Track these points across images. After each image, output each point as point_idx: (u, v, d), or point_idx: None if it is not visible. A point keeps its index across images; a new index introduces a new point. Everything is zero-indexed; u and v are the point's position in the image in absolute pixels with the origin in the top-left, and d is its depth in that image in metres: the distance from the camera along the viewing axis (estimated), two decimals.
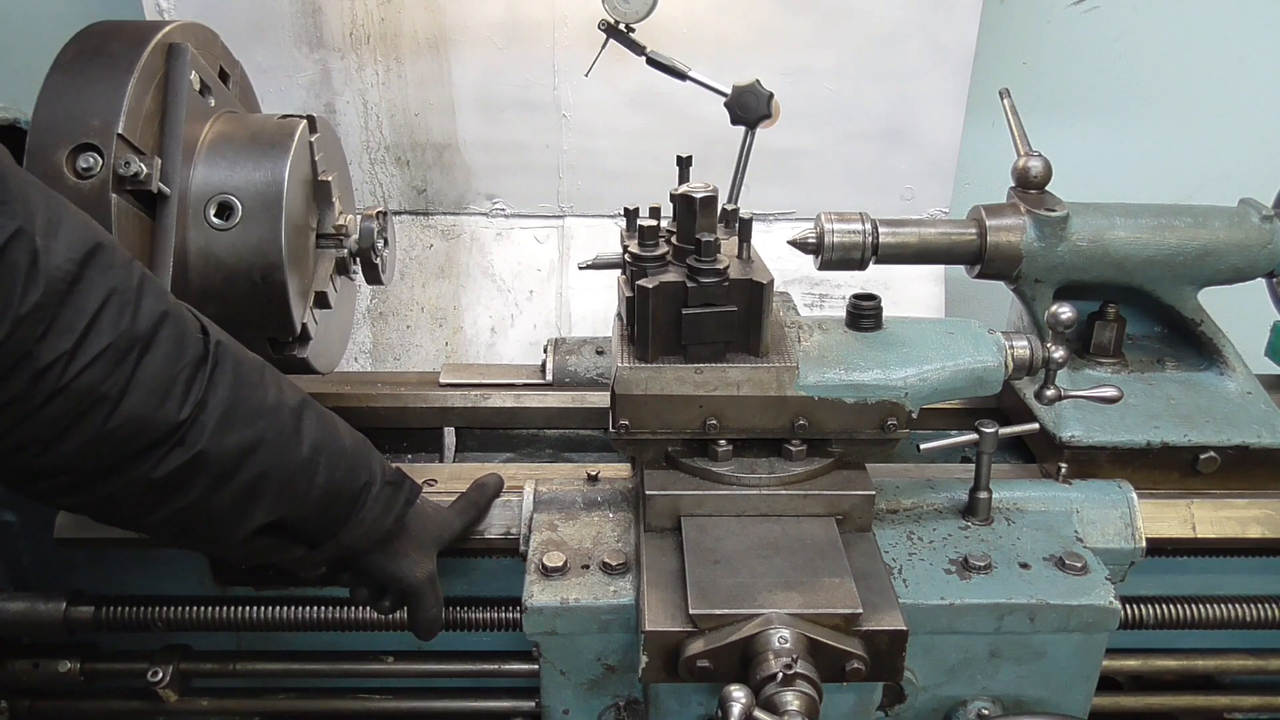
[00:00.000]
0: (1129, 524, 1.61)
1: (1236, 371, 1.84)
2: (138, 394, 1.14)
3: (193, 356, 1.19)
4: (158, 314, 1.16)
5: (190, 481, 1.20)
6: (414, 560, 1.46)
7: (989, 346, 1.55)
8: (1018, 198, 1.78)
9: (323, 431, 1.33)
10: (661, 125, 2.64)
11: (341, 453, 1.35)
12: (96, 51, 1.52)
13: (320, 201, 1.76)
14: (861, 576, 1.37)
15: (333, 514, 1.35)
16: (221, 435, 1.20)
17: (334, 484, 1.33)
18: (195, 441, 1.19)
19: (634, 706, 1.52)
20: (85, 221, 1.15)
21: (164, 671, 1.67)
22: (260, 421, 1.25)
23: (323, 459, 1.31)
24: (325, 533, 1.36)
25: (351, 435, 1.40)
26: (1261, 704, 1.85)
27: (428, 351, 2.79)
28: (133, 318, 1.14)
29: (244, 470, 1.24)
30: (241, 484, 1.24)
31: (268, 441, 1.25)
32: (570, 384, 2.04)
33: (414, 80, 2.65)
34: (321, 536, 1.37)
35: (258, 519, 1.28)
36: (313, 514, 1.33)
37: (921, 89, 2.65)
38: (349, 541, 1.38)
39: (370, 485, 1.38)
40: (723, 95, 2.21)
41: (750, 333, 1.48)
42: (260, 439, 1.24)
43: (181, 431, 1.17)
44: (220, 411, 1.20)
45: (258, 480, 1.25)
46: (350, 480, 1.36)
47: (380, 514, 1.39)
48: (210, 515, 1.25)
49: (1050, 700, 1.51)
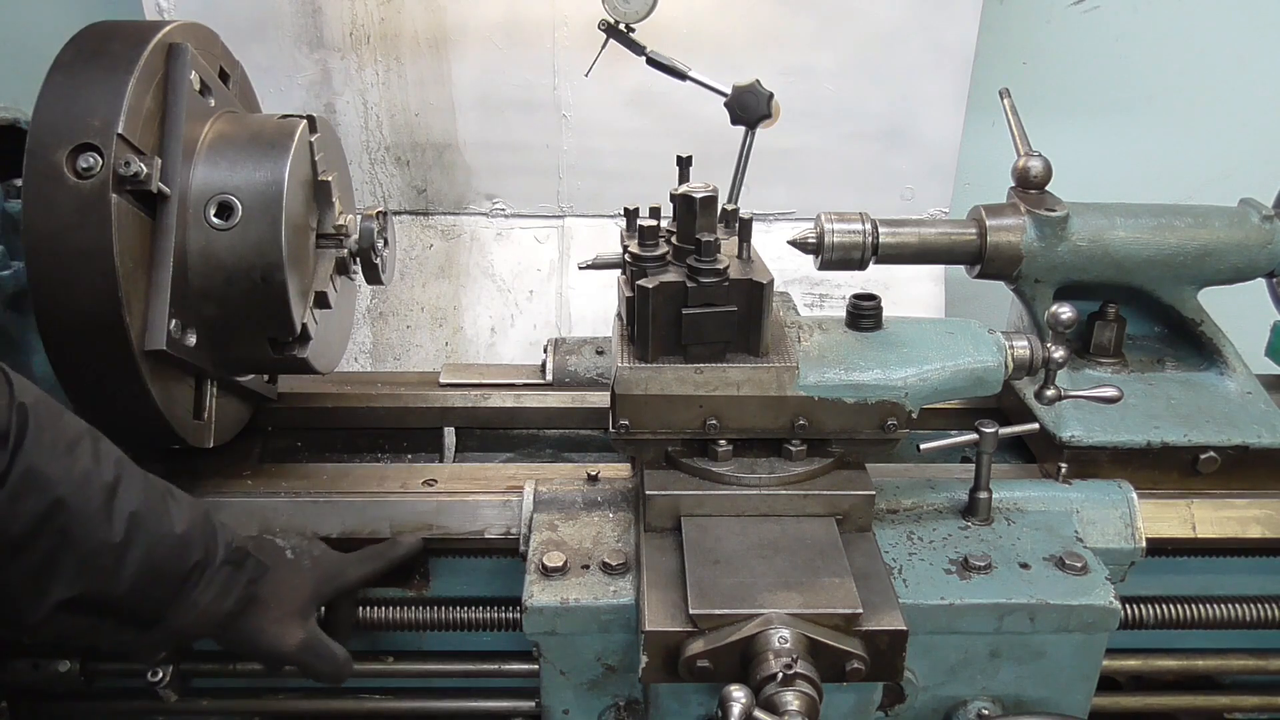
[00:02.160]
0: (1129, 524, 1.61)
1: (1236, 371, 1.84)
2: None
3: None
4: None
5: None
6: (275, 634, 1.41)
7: (989, 346, 1.55)
8: (1018, 198, 1.78)
9: (145, 507, 1.27)
10: (661, 125, 2.64)
11: (165, 533, 1.28)
12: (96, 51, 1.51)
13: (320, 201, 1.76)
14: (861, 576, 1.37)
15: (155, 596, 1.30)
16: (13, 504, 1.15)
17: (153, 564, 1.27)
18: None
19: (634, 706, 1.52)
20: None
21: (164, 671, 1.67)
22: (60, 488, 1.18)
23: (139, 536, 1.25)
24: (151, 615, 1.31)
25: (190, 514, 1.33)
26: (1261, 704, 1.85)
27: (428, 351, 2.79)
28: None
29: (40, 540, 1.17)
30: (37, 555, 1.18)
31: (68, 511, 1.19)
32: (570, 384, 2.04)
33: (414, 80, 2.65)
34: (148, 618, 1.31)
35: (58, 593, 1.21)
36: (127, 594, 1.26)
37: (921, 89, 2.65)
38: (182, 625, 1.33)
39: (204, 566, 1.32)
40: (723, 95, 2.22)
41: (750, 333, 1.48)
42: (58, 508, 1.18)
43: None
44: (17, 479, 1.15)
45: (55, 553, 1.19)
46: (176, 561, 1.30)
47: (218, 595, 1.34)
48: (3, 588, 1.19)
49: (1050, 700, 1.51)
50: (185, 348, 1.57)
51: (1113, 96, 2.94)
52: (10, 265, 1.67)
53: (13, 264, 1.67)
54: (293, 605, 1.44)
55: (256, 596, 1.40)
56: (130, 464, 1.30)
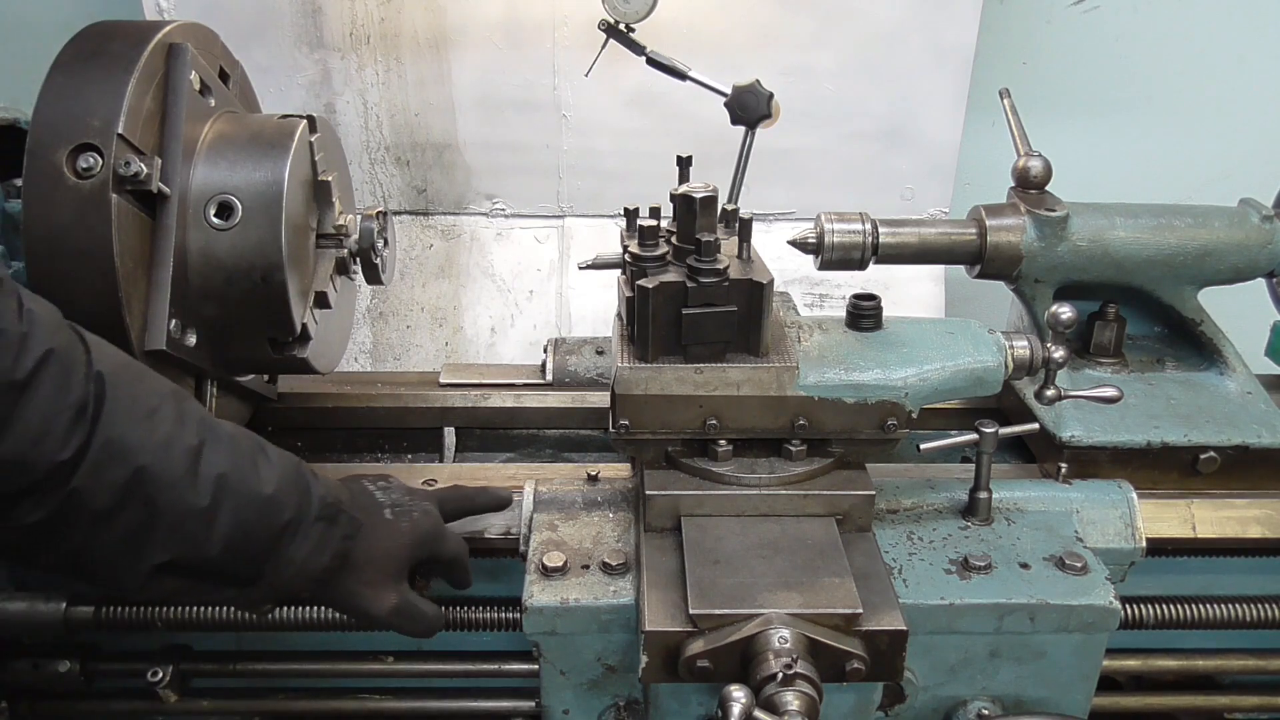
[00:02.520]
0: (1129, 524, 1.61)
1: (1236, 371, 1.84)
2: (15, 436, 1.09)
3: (76, 398, 1.14)
4: (40, 354, 1.11)
5: (68, 524, 1.16)
6: (369, 596, 1.40)
7: (989, 346, 1.55)
8: (1018, 198, 1.78)
9: (232, 468, 1.26)
10: (661, 125, 2.64)
11: (253, 493, 1.27)
12: (96, 51, 1.51)
13: (320, 201, 1.76)
14: (861, 576, 1.37)
15: (248, 556, 1.29)
16: (97, 473, 1.15)
17: (243, 525, 1.26)
18: (69, 481, 1.13)
19: (634, 706, 1.52)
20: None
21: (164, 671, 1.67)
22: (143, 456, 1.18)
23: (227, 498, 1.24)
24: (249, 574, 1.30)
25: (281, 471, 1.32)
26: (1261, 704, 1.85)
27: (428, 351, 2.79)
28: (14, 361, 1.09)
29: (127, 509, 1.18)
30: (125, 523, 1.19)
31: (153, 478, 1.19)
32: (570, 384, 2.04)
33: (414, 80, 2.65)
34: (246, 577, 1.30)
35: (151, 559, 1.22)
36: (220, 555, 1.26)
37: (921, 89, 2.65)
38: (280, 582, 1.32)
39: (297, 523, 1.31)
40: (723, 95, 2.21)
41: (750, 333, 1.48)
42: (142, 474, 1.18)
43: (60, 472, 1.13)
44: (99, 451, 1.15)
45: (144, 521, 1.19)
46: (266, 520, 1.28)
47: (312, 552, 1.33)
48: (99, 558, 1.20)
49: (1050, 700, 1.51)
50: (185, 347, 1.57)
51: (1113, 96, 2.94)
52: (10, 265, 1.67)
53: (13, 264, 1.67)
54: (386, 568, 1.41)
55: (351, 555, 1.37)
56: (217, 424, 1.29)
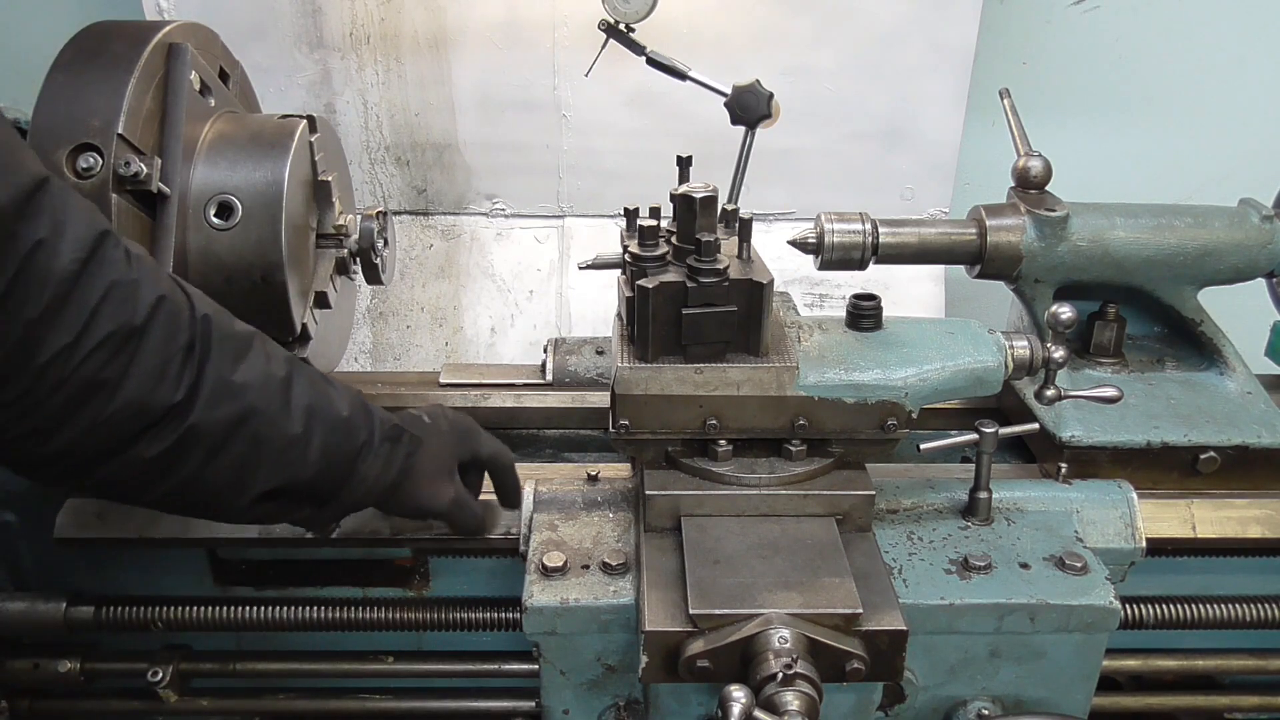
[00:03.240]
0: (1129, 524, 1.61)
1: (1236, 371, 1.84)
2: (135, 379, 1.17)
3: (184, 340, 1.22)
4: (153, 300, 1.20)
5: (184, 457, 1.24)
6: (429, 494, 1.49)
7: (989, 346, 1.55)
8: (1018, 198, 1.78)
9: (315, 398, 1.36)
10: (661, 125, 2.64)
11: (335, 418, 1.37)
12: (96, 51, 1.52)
13: (320, 201, 1.76)
14: (861, 576, 1.37)
15: (332, 476, 1.38)
16: (211, 410, 1.24)
17: (329, 448, 1.36)
18: (187, 417, 1.22)
19: (634, 706, 1.52)
20: (89, 213, 1.18)
21: (164, 671, 1.67)
22: (249, 394, 1.27)
23: (316, 424, 1.34)
24: (329, 493, 1.40)
25: (347, 396, 1.42)
26: (1261, 704, 1.85)
27: (428, 351, 2.79)
28: (132, 307, 1.17)
29: (236, 442, 1.27)
30: (235, 455, 1.28)
31: (258, 412, 1.28)
32: (570, 384, 2.04)
33: (414, 80, 2.65)
34: (326, 496, 1.40)
35: (257, 488, 1.32)
36: (312, 477, 1.36)
37: (921, 89, 2.65)
38: (353, 499, 1.42)
39: (369, 444, 1.41)
40: (723, 95, 2.21)
41: (750, 333, 1.48)
42: (249, 411, 1.27)
43: (176, 410, 1.21)
44: (210, 387, 1.24)
45: (251, 450, 1.29)
46: (347, 442, 1.38)
47: (381, 469, 1.42)
48: (209, 488, 1.29)
49: (1050, 700, 1.51)
50: None
51: (1113, 96, 2.93)
52: None
53: None
54: (441, 466, 1.51)
55: (413, 465, 1.47)
56: (293, 357, 1.39)
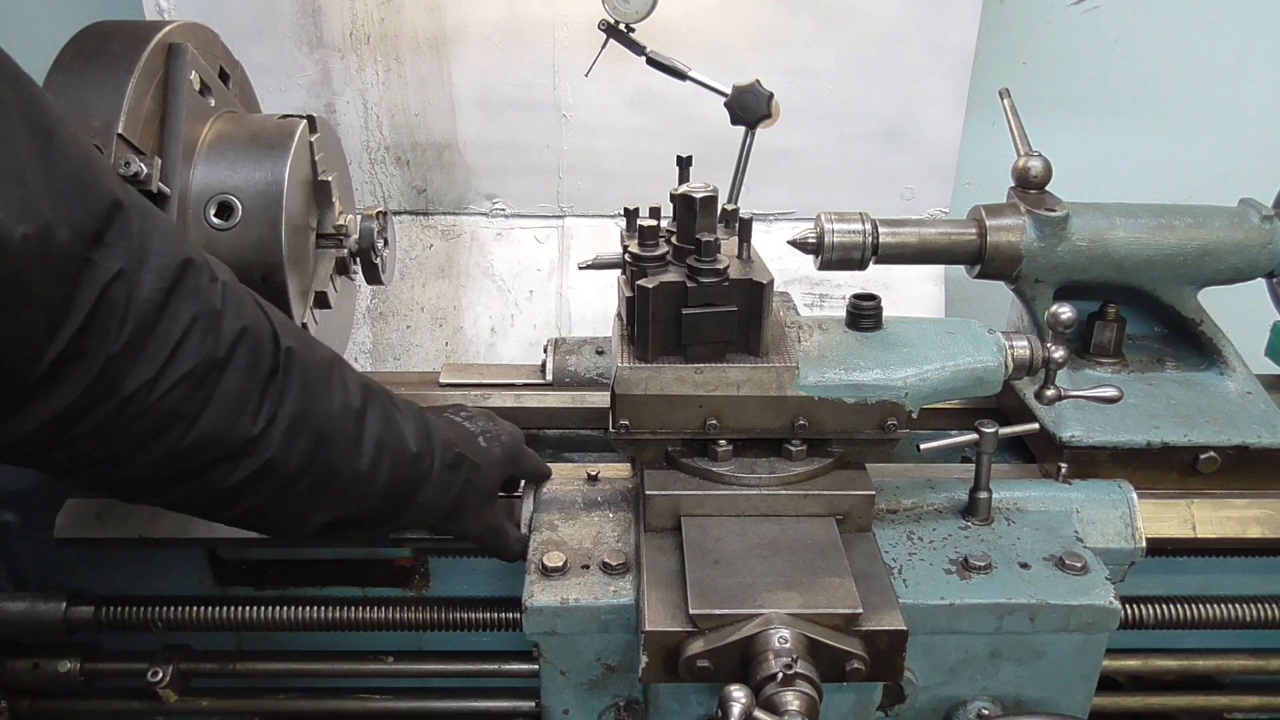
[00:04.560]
0: (1129, 524, 1.61)
1: (1236, 371, 1.84)
2: (214, 412, 1.16)
3: (266, 371, 1.21)
4: (236, 331, 1.18)
5: (257, 488, 1.24)
6: (469, 519, 1.49)
7: (989, 346, 1.55)
8: (1018, 198, 1.78)
9: (386, 429, 1.35)
10: (661, 125, 2.64)
11: (403, 450, 1.36)
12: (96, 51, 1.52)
13: (320, 201, 1.76)
14: (861, 576, 1.37)
15: (392, 504, 1.38)
16: (288, 444, 1.23)
17: (395, 479, 1.35)
18: (264, 452, 1.22)
19: (634, 706, 1.52)
20: (173, 238, 1.15)
21: (164, 671, 1.67)
22: (325, 427, 1.27)
23: (385, 458, 1.33)
24: (386, 518, 1.40)
25: (415, 424, 1.40)
26: (1261, 704, 1.85)
27: (428, 351, 2.79)
28: (215, 340, 1.15)
29: (308, 475, 1.27)
30: (305, 487, 1.27)
31: (331, 446, 1.28)
32: (570, 384, 2.04)
33: (414, 80, 2.65)
34: (381, 521, 1.40)
35: (321, 518, 1.32)
36: (373, 510, 1.36)
37: (921, 89, 2.65)
38: (408, 523, 1.43)
39: (429, 473, 1.40)
40: (723, 95, 2.21)
41: (750, 333, 1.48)
42: (324, 444, 1.27)
43: (252, 444, 1.20)
44: (287, 423, 1.23)
45: (321, 484, 1.28)
46: (410, 474, 1.38)
47: (438, 496, 1.41)
48: (277, 515, 1.30)
49: (1050, 700, 1.51)
50: None
51: (1113, 96, 2.93)
52: None
53: None
54: (490, 491, 1.51)
55: (467, 493, 1.46)
56: (368, 382, 1.38)
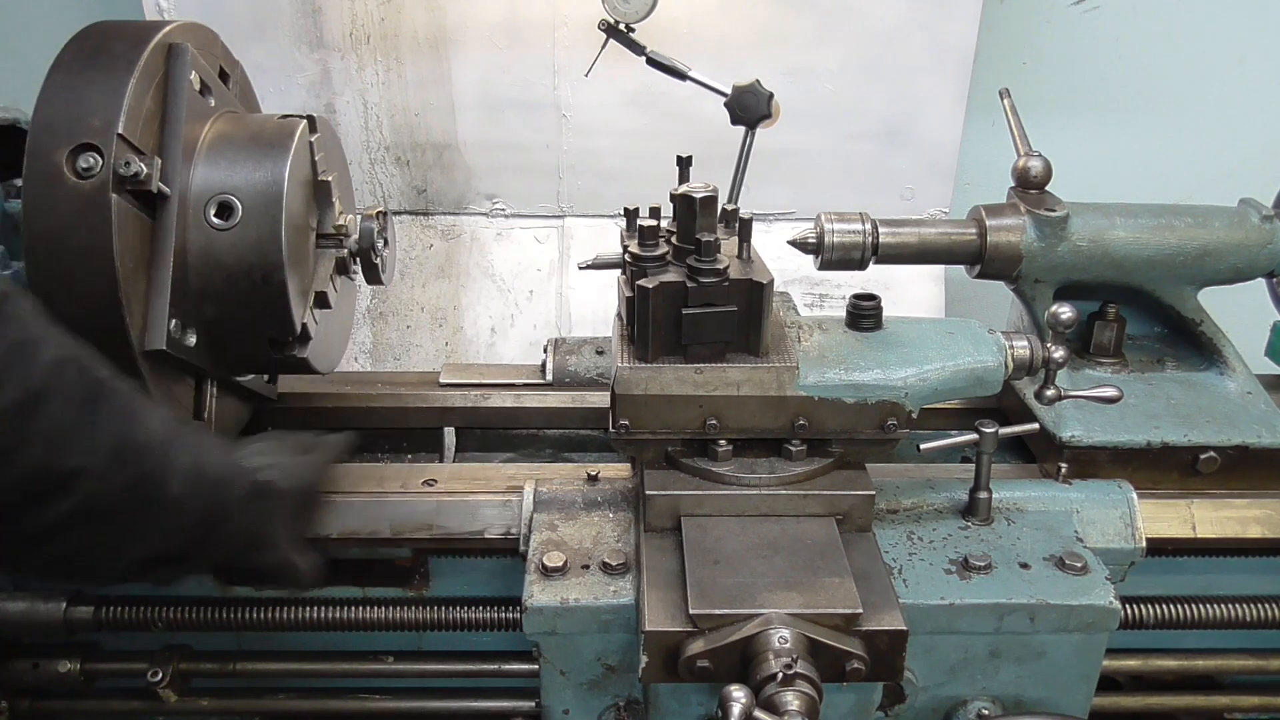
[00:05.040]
0: (1129, 524, 1.61)
1: (1236, 371, 1.84)
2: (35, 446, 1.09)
3: (85, 398, 1.14)
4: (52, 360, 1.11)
5: (73, 527, 1.16)
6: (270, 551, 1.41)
7: (989, 346, 1.55)
8: (1018, 198, 1.78)
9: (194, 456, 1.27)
10: (661, 125, 2.64)
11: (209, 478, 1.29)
12: (96, 51, 1.52)
13: (320, 201, 1.76)
14: (861, 576, 1.37)
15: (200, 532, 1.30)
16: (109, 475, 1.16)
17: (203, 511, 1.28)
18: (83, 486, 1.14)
19: (634, 706, 1.52)
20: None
21: (164, 671, 1.67)
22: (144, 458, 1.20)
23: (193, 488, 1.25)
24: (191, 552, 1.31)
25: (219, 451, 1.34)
26: (1261, 704, 1.85)
27: (428, 351, 2.79)
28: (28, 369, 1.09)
29: (126, 507, 1.19)
30: (122, 521, 1.20)
31: (147, 473, 1.20)
32: (570, 384, 2.04)
33: (414, 80, 2.65)
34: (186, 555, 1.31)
35: (134, 553, 1.24)
36: (183, 540, 1.28)
37: (921, 89, 2.65)
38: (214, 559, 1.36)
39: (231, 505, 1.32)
40: (723, 95, 2.21)
41: (750, 333, 1.48)
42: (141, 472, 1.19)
43: (75, 478, 1.13)
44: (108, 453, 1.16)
45: (137, 515, 1.21)
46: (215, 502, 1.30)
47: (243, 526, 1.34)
48: (91, 554, 1.21)
49: (1050, 700, 1.51)
50: (185, 348, 1.57)
51: (1113, 96, 2.94)
52: (10, 265, 1.67)
53: (13, 264, 1.67)
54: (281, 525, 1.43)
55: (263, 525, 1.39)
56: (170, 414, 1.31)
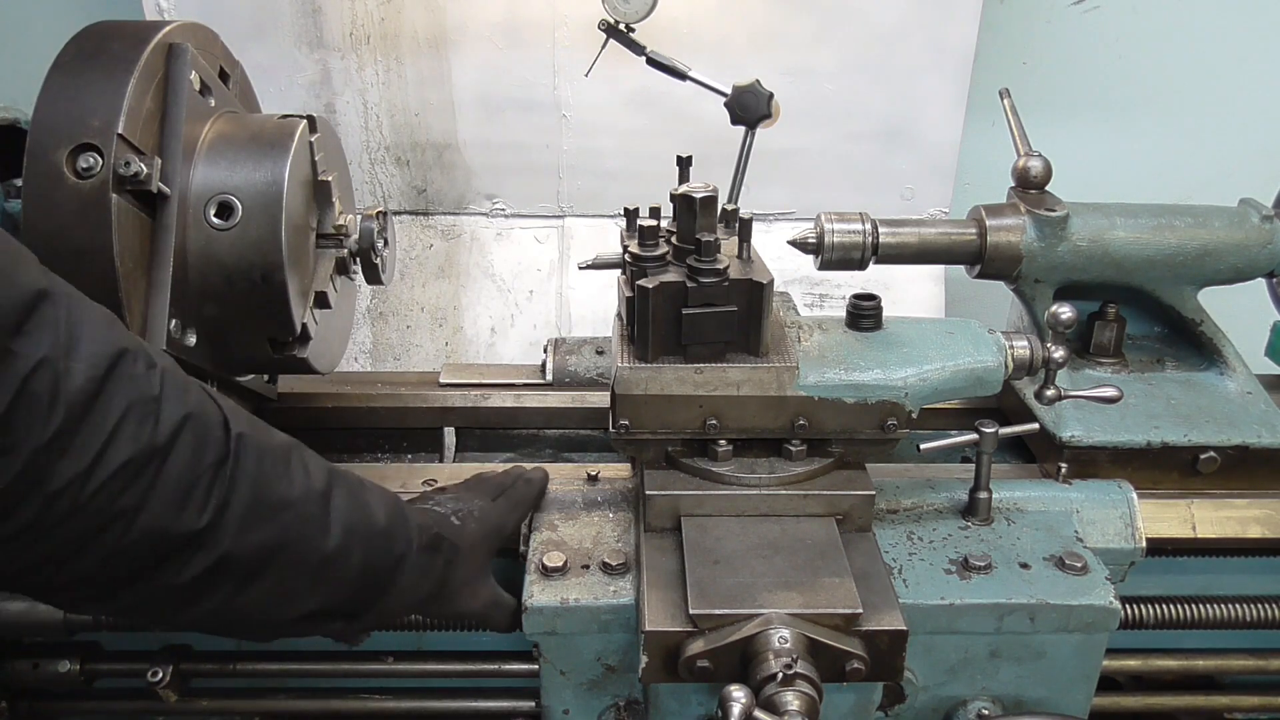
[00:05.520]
0: (1129, 524, 1.61)
1: (1236, 371, 1.84)
2: (156, 505, 1.08)
3: (214, 458, 1.13)
4: (178, 419, 1.10)
5: (216, 584, 1.16)
6: (466, 599, 1.44)
7: (989, 346, 1.55)
8: (1018, 198, 1.78)
9: (353, 511, 1.27)
10: (661, 125, 2.64)
11: (375, 531, 1.29)
12: (96, 51, 1.51)
13: (320, 201, 1.76)
14: (861, 576, 1.37)
15: (370, 591, 1.31)
16: (244, 535, 1.15)
17: (369, 564, 1.28)
18: (218, 544, 1.13)
19: (634, 706, 1.52)
20: (107, 325, 1.07)
21: (164, 671, 1.67)
22: (285, 514, 1.19)
23: (356, 542, 1.26)
24: (365, 607, 1.32)
25: (384, 504, 1.33)
26: (1261, 704, 1.85)
27: (428, 351, 2.79)
28: (154, 428, 1.07)
29: (272, 567, 1.19)
30: (271, 580, 1.20)
31: (294, 535, 1.20)
32: (570, 384, 2.04)
33: (414, 80, 2.65)
34: (361, 610, 1.33)
35: (293, 611, 1.24)
36: (350, 595, 1.29)
37: (921, 89, 2.65)
38: (389, 609, 1.35)
39: (406, 556, 1.33)
40: (723, 95, 2.21)
41: (750, 333, 1.48)
42: (286, 534, 1.19)
43: (203, 536, 1.12)
44: (242, 511, 1.15)
45: (288, 574, 1.21)
46: (385, 556, 1.30)
47: (418, 580, 1.35)
48: (245, 611, 1.21)
49: (1050, 700, 1.51)
50: (185, 347, 1.57)
51: (1113, 96, 2.94)
52: None
53: None
54: (476, 569, 1.45)
55: (451, 574, 1.41)
56: (332, 467, 1.30)
